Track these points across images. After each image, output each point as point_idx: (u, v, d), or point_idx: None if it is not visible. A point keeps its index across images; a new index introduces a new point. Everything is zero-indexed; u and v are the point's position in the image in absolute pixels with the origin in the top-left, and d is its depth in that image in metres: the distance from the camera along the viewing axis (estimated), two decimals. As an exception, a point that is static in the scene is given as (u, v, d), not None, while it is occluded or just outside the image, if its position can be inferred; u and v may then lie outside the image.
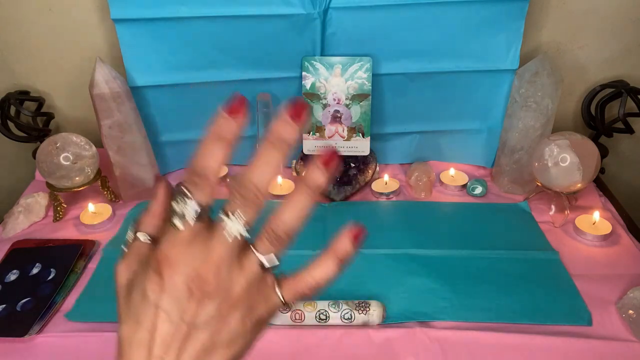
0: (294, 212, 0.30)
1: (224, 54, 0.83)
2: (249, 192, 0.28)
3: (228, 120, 0.29)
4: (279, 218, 0.30)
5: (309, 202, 0.30)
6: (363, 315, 0.62)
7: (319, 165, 0.30)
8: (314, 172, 0.30)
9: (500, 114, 0.90)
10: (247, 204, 0.28)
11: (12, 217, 0.82)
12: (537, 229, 0.80)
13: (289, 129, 0.29)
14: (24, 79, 0.95)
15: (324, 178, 0.30)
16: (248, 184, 0.28)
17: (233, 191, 0.29)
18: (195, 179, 0.28)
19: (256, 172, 0.29)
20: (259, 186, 0.29)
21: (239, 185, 0.29)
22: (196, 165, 0.29)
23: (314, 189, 0.30)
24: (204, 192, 0.29)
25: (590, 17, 0.89)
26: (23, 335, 0.62)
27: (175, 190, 0.29)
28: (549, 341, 0.60)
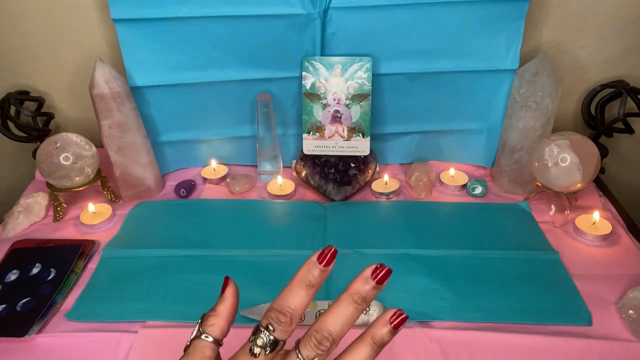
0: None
1: (224, 54, 0.83)
2: (325, 340, 0.31)
3: (319, 270, 0.33)
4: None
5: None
6: (363, 315, 0.62)
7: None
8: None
9: (500, 114, 0.90)
10: (320, 349, 0.31)
11: (12, 217, 0.82)
12: (537, 229, 0.81)
13: (368, 288, 0.33)
14: (24, 79, 0.96)
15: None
16: (324, 331, 0.32)
17: (310, 333, 0.32)
18: (280, 317, 0.32)
19: (333, 320, 0.32)
20: (333, 335, 0.32)
21: (315, 330, 0.32)
22: (283, 305, 0.32)
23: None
24: (284, 331, 0.32)
25: (590, 17, 0.89)
26: (23, 335, 0.62)
27: (262, 325, 0.32)
28: (549, 341, 0.60)
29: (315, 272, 0.33)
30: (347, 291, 0.33)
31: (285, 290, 0.33)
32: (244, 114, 0.91)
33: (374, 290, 0.33)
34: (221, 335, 0.34)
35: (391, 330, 0.32)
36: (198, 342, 0.33)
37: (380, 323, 0.33)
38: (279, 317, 0.32)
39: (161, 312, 0.65)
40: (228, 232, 0.80)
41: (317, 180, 0.89)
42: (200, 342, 0.33)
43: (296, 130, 0.94)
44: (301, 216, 0.84)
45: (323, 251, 0.33)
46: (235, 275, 0.71)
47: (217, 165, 0.96)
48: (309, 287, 0.33)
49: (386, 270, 0.33)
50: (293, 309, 0.32)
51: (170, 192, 0.92)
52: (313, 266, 0.33)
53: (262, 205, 0.87)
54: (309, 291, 0.33)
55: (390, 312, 0.33)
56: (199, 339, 0.33)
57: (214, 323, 0.34)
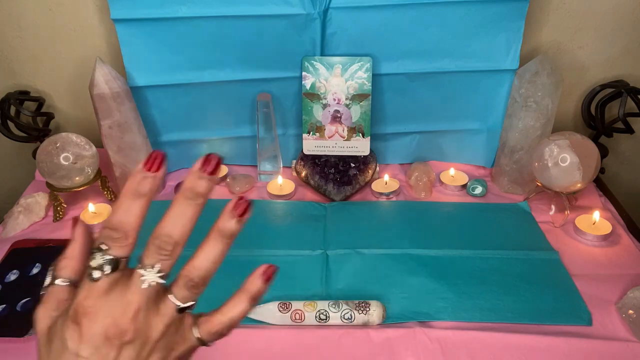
0: (207, 258, 0.31)
1: (224, 54, 0.83)
2: (165, 244, 0.30)
3: (146, 177, 0.30)
4: (193, 264, 0.31)
5: (222, 249, 0.32)
6: (363, 315, 0.62)
7: (232, 212, 0.31)
8: (227, 220, 0.31)
9: (500, 114, 0.90)
10: (162, 254, 0.30)
11: (12, 217, 0.82)
12: (537, 229, 0.80)
13: (202, 182, 0.30)
14: (24, 79, 0.96)
15: (237, 226, 0.32)
16: (163, 236, 0.30)
17: (149, 242, 0.30)
18: (113, 234, 0.30)
19: (170, 223, 0.30)
20: (174, 237, 0.30)
21: (154, 237, 0.30)
22: (114, 221, 0.30)
23: (227, 236, 0.32)
24: (121, 246, 0.30)
25: (590, 17, 0.89)
26: (23, 335, 0.62)
27: (94, 247, 0.30)
28: (549, 341, 0.60)
29: (143, 181, 0.30)
30: (179, 191, 0.31)
31: (115, 205, 0.30)
32: (244, 114, 0.91)
33: (208, 182, 0.31)
34: (75, 276, 0.32)
35: (238, 219, 0.32)
36: (52, 288, 0.31)
37: (225, 215, 0.32)
38: (111, 233, 0.29)
39: (161, 312, 0.65)
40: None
41: (317, 180, 0.89)
42: (55, 287, 0.31)
43: (296, 130, 0.94)
44: (301, 216, 0.84)
45: (150, 156, 0.31)
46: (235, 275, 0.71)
47: (217, 165, 0.96)
48: (140, 197, 0.30)
49: (217, 160, 0.31)
50: (126, 223, 0.30)
51: (170, 192, 0.92)
52: (140, 175, 0.30)
53: (262, 205, 0.87)
54: (140, 201, 0.30)
55: (233, 202, 0.32)
56: (52, 285, 0.31)
57: (65, 265, 0.32)
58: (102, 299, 0.29)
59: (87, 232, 0.33)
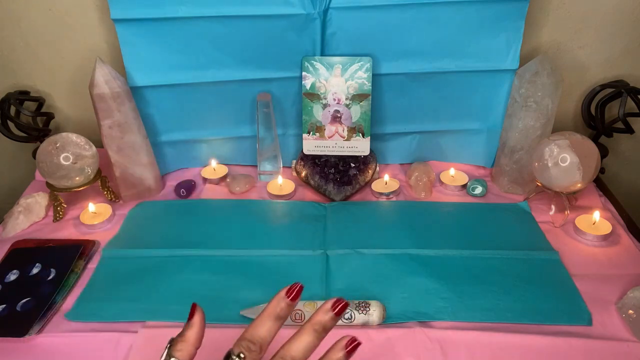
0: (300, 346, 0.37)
1: (224, 54, 0.83)
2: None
3: (286, 303, 0.37)
4: (287, 349, 0.37)
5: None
6: (363, 315, 0.62)
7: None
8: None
9: (500, 114, 0.90)
10: None
11: (12, 217, 0.82)
12: (537, 229, 0.81)
13: (328, 317, 0.37)
14: (24, 79, 0.96)
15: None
16: (288, 358, 0.36)
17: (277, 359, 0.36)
18: (251, 346, 0.36)
19: (295, 347, 0.36)
20: None
21: (281, 357, 0.36)
22: (254, 334, 0.36)
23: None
24: (254, 358, 0.36)
25: (590, 17, 0.89)
26: (23, 335, 0.62)
27: (234, 352, 0.36)
28: (549, 341, 0.60)
29: (282, 305, 0.37)
30: (310, 321, 0.37)
31: (256, 320, 0.37)
32: (244, 114, 0.91)
33: (333, 321, 0.37)
34: (187, 358, 0.37)
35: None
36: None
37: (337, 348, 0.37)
38: (250, 345, 0.35)
39: (161, 312, 0.65)
40: (228, 232, 0.80)
41: (317, 180, 0.89)
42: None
43: (296, 130, 0.94)
44: (301, 216, 0.84)
45: (291, 287, 0.38)
46: (235, 275, 0.71)
47: (217, 165, 0.96)
48: (277, 319, 0.37)
49: (344, 304, 0.37)
50: (262, 338, 0.36)
51: (170, 192, 0.92)
52: (282, 300, 0.37)
53: (262, 205, 0.87)
54: (277, 322, 0.37)
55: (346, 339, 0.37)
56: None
57: (182, 348, 0.37)
58: None
59: (203, 318, 0.39)
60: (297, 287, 0.38)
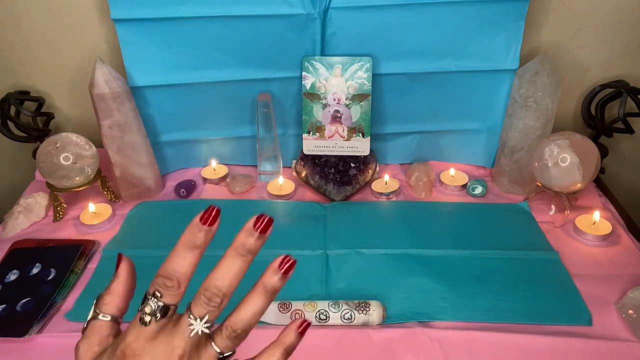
0: (250, 311, 0.33)
1: (224, 54, 0.83)
2: (214, 296, 0.31)
3: (202, 230, 0.33)
4: (237, 316, 0.32)
5: (265, 303, 0.33)
6: (363, 315, 0.62)
7: (276, 269, 0.33)
8: (272, 275, 0.33)
9: (500, 114, 0.90)
10: (210, 306, 0.31)
11: (12, 217, 0.82)
12: (537, 229, 0.80)
13: (252, 240, 0.33)
14: (24, 79, 0.96)
15: (281, 282, 0.33)
16: (213, 288, 0.32)
17: (199, 293, 0.32)
18: (167, 282, 0.31)
19: (220, 276, 0.32)
20: (223, 290, 0.32)
21: (204, 288, 0.32)
22: (168, 269, 0.32)
23: (270, 291, 0.33)
24: (173, 295, 0.31)
25: (590, 17, 0.89)
26: (23, 335, 0.62)
27: (149, 292, 0.32)
28: (549, 341, 0.60)
29: (199, 233, 0.32)
30: (231, 246, 0.33)
31: (170, 254, 0.32)
32: (244, 114, 0.91)
33: (258, 241, 0.33)
34: (118, 312, 0.34)
35: (282, 276, 0.33)
36: (94, 323, 0.33)
37: (270, 271, 0.33)
38: (165, 282, 0.31)
39: (161, 312, 0.65)
40: (228, 232, 0.80)
41: (317, 180, 0.89)
42: (97, 322, 0.33)
43: (296, 130, 0.94)
44: (301, 216, 0.84)
45: (205, 211, 0.33)
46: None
47: (217, 165, 0.96)
48: (194, 249, 0.32)
49: (268, 219, 0.33)
50: (179, 273, 0.32)
51: (170, 192, 0.92)
52: (196, 227, 0.33)
53: (262, 205, 0.87)
54: (194, 252, 0.32)
55: (279, 259, 0.33)
56: (95, 319, 0.33)
57: (109, 301, 0.34)
58: (149, 343, 0.31)
59: (131, 268, 0.36)
60: (212, 210, 0.33)
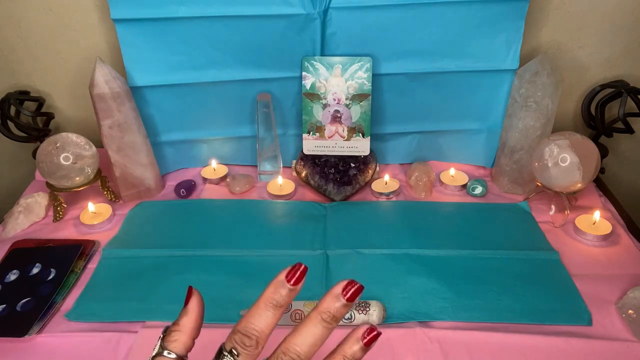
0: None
1: (224, 54, 0.83)
2: None
3: (287, 289, 0.31)
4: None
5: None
6: (363, 315, 0.62)
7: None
8: (353, 344, 0.30)
9: (500, 114, 0.90)
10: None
11: (12, 217, 0.82)
12: (537, 229, 0.80)
13: (339, 305, 0.30)
14: (24, 79, 0.96)
15: (362, 354, 0.31)
16: (292, 353, 0.30)
17: (277, 357, 0.30)
18: (245, 340, 0.30)
19: (300, 341, 0.30)
20: (301, 357, 0.30)
21: (283, 352, 0.30)
22: (248, 327, 0.30)
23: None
24: (250, 355, 0.30)
25: (590, 17, 0.89)
26: (23, 335, 0.62)
27: (225, 349, 0.30)
28: (549, 341, 0.60)
29: (283, 292, 0.31)
30: (317, 309, 0.30)
31: (251, 310, 0.31)
32: (244, 114, 0.91)
33: (345, 308, 0.31)
34: (185, 351, 0.32)
35: (363, 347, 0.30)
36: (160, 359, 0.31)
37: (352, 340, 0.31)
38: (244, 340, 0.29)
39: (161, 312, 0.65)
40: (228, 232, 0.80)
41: (317, 180, 0.89)
42: (162, 359, 0.31)
43: (296, 130, 0.94)
44: (301, 216, 0.84)
45: (292, 268, 0.31)
46: (235, 275, 0.71)
47: (217, 165, 0.96)
48: (277, 308, 0.31)
49: (357, 287, 0.31)
50: (259, 332, 0.30)
51: (170, 192, 0.92)
52: (281, 285, 0.31)
53: (262, 205, 0.87)
54: (276, 312, 0.31)
55: (362, 329, 0.31)
56: (161, 356, 0.31)
57: (177, 339, 0.32)
58: None
59: (201, 304, 0.33)
60: (299, 268, 0.31)
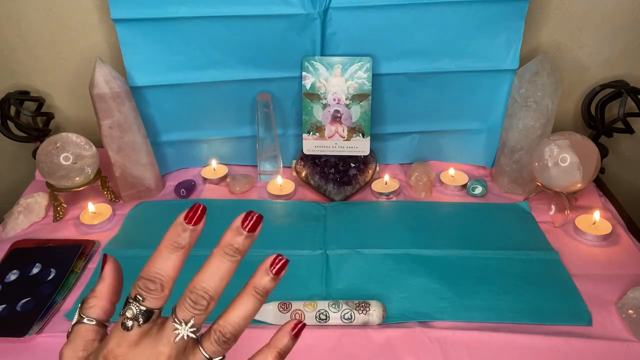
0: (240, 314, 0.31)
1: (224, 54, 0.83)
2: (200, 299, 0.30)
3: (186, 229, 0.30)
4: (227, 320, 0.31)
5: (255, 306, 0.31)
6: (363, 315, 0.62)
7: (268, 269, 0.32)
8: (263, 276, 0.32)
9: (500, 114, 0.90)
10: (196, 309, 0.30)
11: (12, 217, 0.82)
12: (537, 229, 0.80)
13: (240, 239, 0.31)
14: (24, 79, 0.96)
15: (273, 283, 0.32)
16: (199, 290, 0.30)
17: (185, 295, 0.30)
18: (149, 285, 0.29)
19: (207, 277, 0.30)
20: (210, 293, 0.30)
21: (190, 290, 0.30)
22: (151, 271, 0.30)
23: (261, 293, 0.31)
24: (157, 298, 0.30)
25: (590, 17, 0.89)
26: (23, 335, 0.62)
27: (130, 296, 0.30)
28: (549, 341, 0.60)
29: (184, 234, 0.30)
30: (218, 244, 0.31)
31: (153, 255, 0.30)
32: (244, 114, 0.91)
33: (247, 240, 0.31)
34: (104, 315, 0.32)
35: (273, 277, 0.32)
36: (79, 327, 0.31)
37: (261, 271, 0.32)
38: (148, 284, 0.29)
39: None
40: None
41: (317, 180, 0.89)
42: (82, 327, 0.31)
43: (296, 130, 0.94)
44: (301, 216, 0.84)
45: (190, 209, 0.31)
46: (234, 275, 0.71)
47: (217, 165, 0.96)
48: (178, 249, 0.30)
49: (257, 217, 0.31)
50: (163, 274, 0.30)
51: (170, 192, 0.92)
52: (180, 227, 0.30)
53: (262, 205, 0.87)
54: (178, 253, 0.30)
55: (270, 259, 0.32)
56: (79, 323, 0.31)
57: (94, 304, 0.31)
58: (133, 349, 0.29)
59: (117, 269, 0.34)
60: (197, 207, 0.31)
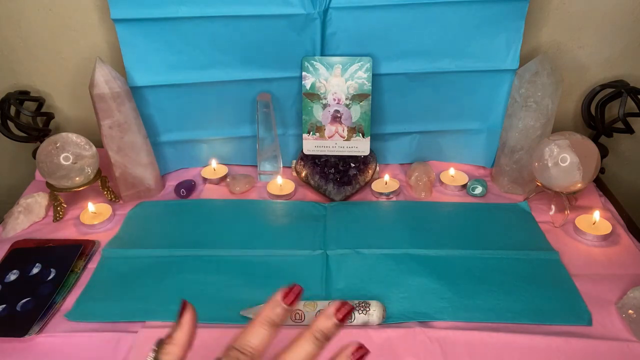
0: (295, 357, 0.32)
1: (224, 54, 0.83)
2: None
3: (283, 308, 0.32)
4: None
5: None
6: (363, 315, 0.62)
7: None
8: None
9: (500, 114, 0.90)
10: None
11: (12, 217, 0.82)
12: (537, 229, 0.80)
13: (331, 325, 0.32)
14: (24, 79, 0.96)
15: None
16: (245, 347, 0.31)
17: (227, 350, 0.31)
18: (240, 357, 0.30)
19: (293, 357, 0.31)
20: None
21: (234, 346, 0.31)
22: (243, 342, 0.31)
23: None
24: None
25: (590, 17, 0.89)
26: (23, 335, 0.62)
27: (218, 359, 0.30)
28: (549, 341, 0.60)
29: (278, 311, 0.32)
30: (310, 328, 0.32)
31: (247, 327, 0.32)
32: (244, 114, 0.91)
33: (336, 328, 0.32)
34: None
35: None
36: None
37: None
38: (239, 356, 0.31)
39: (161, 312, 0.65)
40: (228, 232, 0.80)
41: (317, 180, 0.89)
42: None
43: (296, 130, 0.94)
44: (301, 216, 0.84)
45: (289, 289, 0.33)
46: (235, 275, 0.71)
47: (217, 165, 0.96)
48: (272, 326, 0.32)
49: (349, 309, 0.33)
50: (253, 348, 0.31)
51: (170, 192, 0.92)
52: (277, 304, 0.32)
53: (262, 205, 0.87)
54: (271, 329, 0.32)
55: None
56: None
57: (170, 352, 0.32)
58: None
59: (194, 318, 0.34)
60: (295, 290, 0.33)
